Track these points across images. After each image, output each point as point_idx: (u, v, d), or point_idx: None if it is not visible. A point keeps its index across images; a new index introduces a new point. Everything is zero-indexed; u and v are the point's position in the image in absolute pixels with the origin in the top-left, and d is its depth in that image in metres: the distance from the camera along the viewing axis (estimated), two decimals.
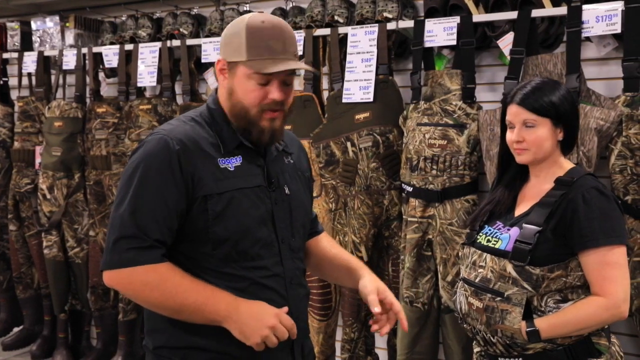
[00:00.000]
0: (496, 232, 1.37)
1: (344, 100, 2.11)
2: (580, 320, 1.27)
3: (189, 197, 1.11)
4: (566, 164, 1.38)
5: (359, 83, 2.09)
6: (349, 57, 2.12)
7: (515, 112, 1.36)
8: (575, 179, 1.31)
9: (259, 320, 1.10)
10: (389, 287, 2.07)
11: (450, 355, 2.00)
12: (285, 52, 1.13)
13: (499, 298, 1.30)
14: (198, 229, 1.12)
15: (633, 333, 1.86)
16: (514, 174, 1.43)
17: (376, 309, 1.20)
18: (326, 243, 1.37)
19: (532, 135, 1.34)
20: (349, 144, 2.09)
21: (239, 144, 1.17)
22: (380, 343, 2.30)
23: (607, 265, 1.26)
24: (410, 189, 1.98)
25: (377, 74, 2.08)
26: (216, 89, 1.23)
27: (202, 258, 1.13)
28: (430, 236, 1.96)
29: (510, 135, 1.37)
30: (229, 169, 1.14)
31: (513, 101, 1.37)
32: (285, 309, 1.16)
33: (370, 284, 1.26)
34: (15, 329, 3.08)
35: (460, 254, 1.50)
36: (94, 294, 2.70)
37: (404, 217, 2.03)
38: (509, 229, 1.35)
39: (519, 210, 1.38)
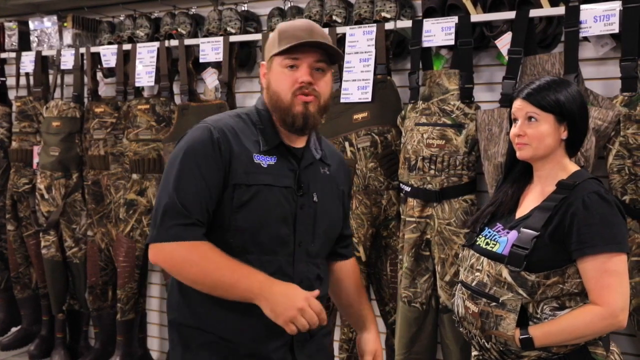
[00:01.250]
0: (495, 235, 1.34)
1: (342, 100, 2.11)
2: (575, 329, 1.24)
3: (225, 183, 1.19)
4: (571, 167, 1.34)
5: (357, 83, 2.09)
6: (347, 57, 2.13)
7: (519, 106, 1.34)
8: (578, 182, 1.28)
9: (289, 301, 1.13)
10: (387, 286, 2.13)
11: (448, 355, 2.00)
12: (312, 37, 1.20)
13: (494, 303, 1.28)
14: (224, 215, 1.19)
15: (631, 333, 1.85)
16: (519, 175, 1.41)
17: None
18: (349, 279, 1.41)
19: (533, 130, 1.31)
20: (347, 143, 2.08)
21: (279, 145, 1.24)
22: None
23: (605, 273, 1.22)
24: (408, 188, 1.97)
25: (375, 74, 2.07)
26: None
27: (223, 247, 1.17)
28: (429, 236, 1.96)
29: (513, 130, 1.35)
30: (262, 165, 1.21)
31: (519, 96, 1.35)
32: (316, 292, 1.19)
33: (370, 345, 1.36)
34: (13, 329, 3.07)
35: (460, 255, 1.48)
36: (92, 293, 2.69)
37: (402, 216, 2.02)
38: (508, 232, 1.32)
39: (519, 213, 1.36)
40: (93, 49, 2.67)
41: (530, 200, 1.36)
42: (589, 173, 1.37)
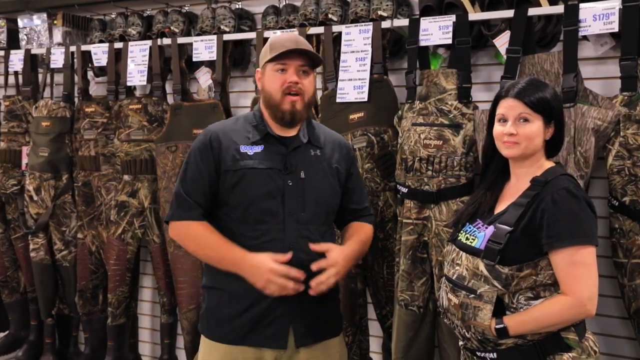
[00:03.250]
0: (475, 231, 1.41)
1: (337, 100, 2.10)
2: (546, 318, 1.31)
3: (217, 170, 1.55)
4: (546, 164, 1.41)
5: (353, 82, 2.08)
6: (343, 56, 2.11)
7: (510, 106, 1.38)
8: (549, 179, 1.34)
9: (257, 274, 1.48)
10: (384, 289, 2.12)
11: (446, 359, 1.99)
12: (297, 46, 1.52)
13: (472, 295, 1.35)
14: (222, 196, 1.55)
15: (630, 336, 1.85)
16: (496, 174, 1.47)
17: (313, 265, 1.53)
18: (352, 227, 1.68)
19: (525, 130, 1.36)
20: None
21: (266, 136, 1.56)
22: (375, 347, 2.28)
23: (572, 265, 1.29)
24: (405, 190, 1.96)
25: (371, 73, 2.06)
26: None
27: (227, 220, 1.56)
28: (426, 238, 1.95)
29: (501, 128, 1.39)
30: (249, 153, 1.54)
31: (508, 95, 1.39)
32: (286, 257, 1.49)
33: (326, 260, 1.57)
34: (1, 334, 3.04)
35: (444, 250, 1.54)
36: (81, 297, 2.66)
37: (399, 218, 2.01)
38: (486, 228, 1.39)
39: (498, 209, 1.42)
40: (84, 47, 2.64)
41: (508, 197, 1.42)
42: (562, 169, 1.41)
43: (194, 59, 2.41)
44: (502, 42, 1.90)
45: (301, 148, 1.58)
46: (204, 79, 2.49)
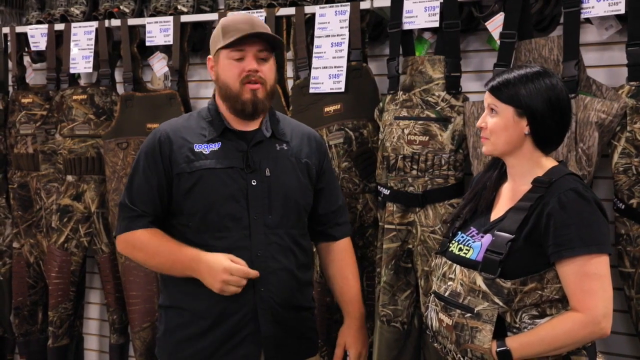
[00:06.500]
0: (469, 240, 1.36)
1: (311, 91, 2.05)
2: (555, 339, 1.25)
3: (168, 176, 1.50)
4: (547, 163, 1.35)
5: (328, 71, 2.03)
6: (316, 41, 2.06)
7: (485, 97, 1.37)
8: (554, 179, 1.30)
9: (212, 274, 1.43)
10: (364, 303, 1.99)
11: None
12: (254, 29, 1.46)
13: (468, 314, 1.29)
14: (177, 203, 1.50)
15: (630, 332, 1.82)
16: (499, 173, 1.42)
17: None
18: (335, 266, 1.64)
19: (491, 122, 1.34)
20: None
21: (223, 131, 1.51)
22: None
23: (585, 277, 1.24)
24: (387, 191, 1.91)
25: (349, 61, 2.02)
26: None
27: (183, 229, 1.50)
28: (410, 246, 1.90)
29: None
30: (204, 152, 1.49)
31: (486, 86, 1.38)
32: (240, 261, 1.43)
33: (340, 337, 1.62)
34: None
35: (432, 264, 1.49)
36: (18, 316, 2.55)
37: (380, 224, 1.95)
38: (482, 237, 1.34)
39: (494, 215, 1.37)
40: (19, 29, 2.54)
41: (505, 201, 1.37)
42: (567, 169, 1.38)
43: (148, 44, 2.34)
44: (495, 25, 1.84)
45: (264, 143, 1.53)
46: (159, 66, 2.41)
